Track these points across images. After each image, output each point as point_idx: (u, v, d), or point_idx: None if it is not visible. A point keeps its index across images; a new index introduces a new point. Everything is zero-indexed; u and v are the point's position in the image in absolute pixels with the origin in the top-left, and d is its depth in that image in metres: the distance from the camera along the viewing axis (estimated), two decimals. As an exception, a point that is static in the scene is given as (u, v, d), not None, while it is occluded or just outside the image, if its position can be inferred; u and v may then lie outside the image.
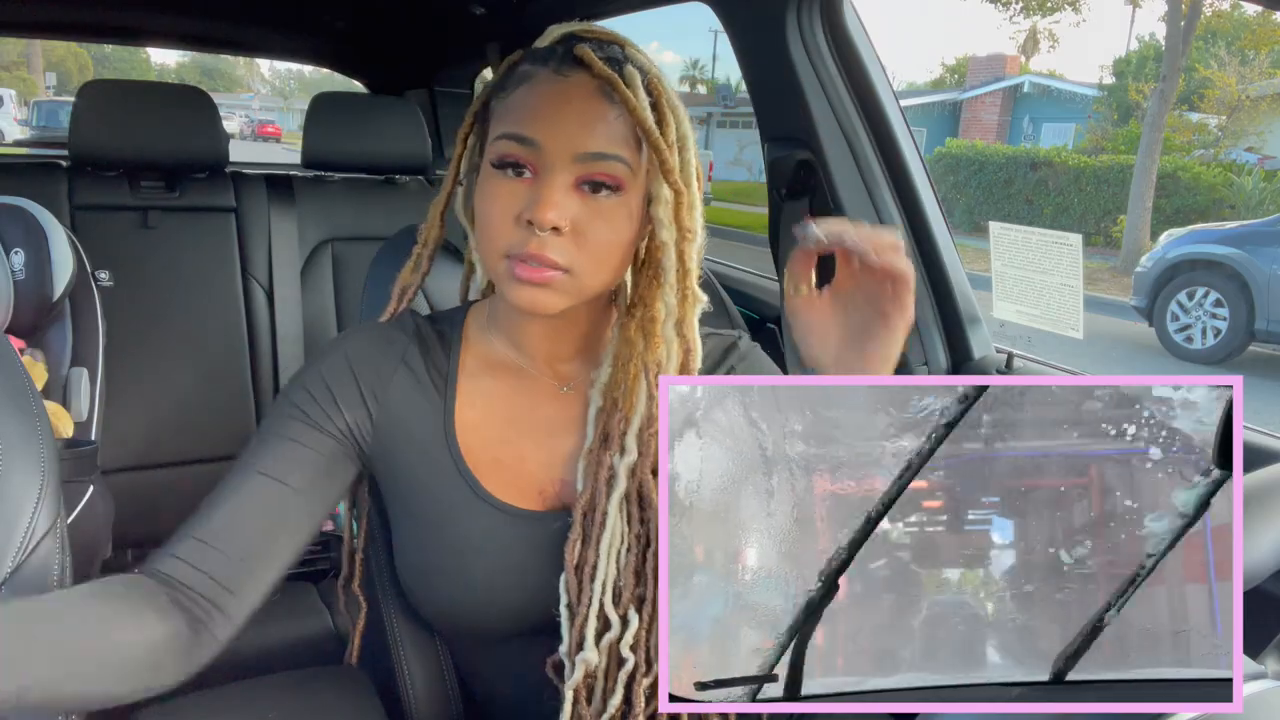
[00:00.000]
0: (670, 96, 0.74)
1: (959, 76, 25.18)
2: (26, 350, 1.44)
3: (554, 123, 0.69)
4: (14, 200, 1.46)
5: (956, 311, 1.37)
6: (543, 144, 0.69)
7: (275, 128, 33.27)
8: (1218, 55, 15.04)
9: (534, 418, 0.81)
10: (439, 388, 0.80)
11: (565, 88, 0.70)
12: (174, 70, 51.80)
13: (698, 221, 0.75)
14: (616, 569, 0.75)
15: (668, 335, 0.75)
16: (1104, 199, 12.76)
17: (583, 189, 0.70)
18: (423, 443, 0.79)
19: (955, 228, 1.42)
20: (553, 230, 0.68)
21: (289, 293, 1.97)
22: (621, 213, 0.71)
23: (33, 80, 27.11)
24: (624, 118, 0.70)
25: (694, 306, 0.76)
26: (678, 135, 0.74)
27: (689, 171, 0.75)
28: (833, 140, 1.35)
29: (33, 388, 0.79)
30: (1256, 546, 0.57)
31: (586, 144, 0.69)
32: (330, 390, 0.78)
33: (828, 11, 1.33)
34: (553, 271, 0.69)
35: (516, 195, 0.70)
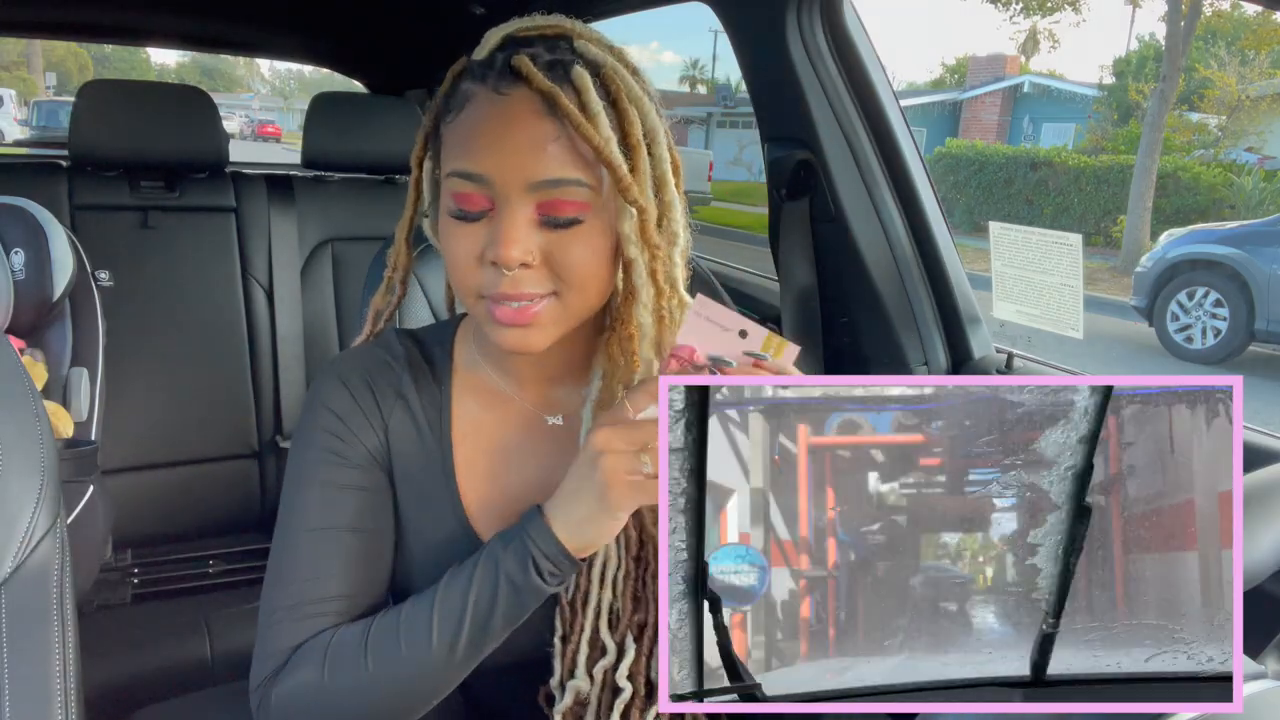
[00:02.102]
0: (630, 89, 0.67)
1: (959, 76, 25.18)
2: (26, 350, 1.44)
3: (500, 153, 0.64)
4: (14, 200, 1.46)
5: (956, 311, 1.37)
6: (493, 178, 0.64)
7: (275, 128, 33.27)
8: (1218, 55, 15.03)
9: (524, 451, 0.78)
10: (434, 424, 0.77)
11: (506, 109, 0.65)
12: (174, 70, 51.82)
13: (677, 222, 0.70)
14: (613, 594, 0.72)
15: (645, 356, 0.70)
16: (1104, 199, 12.75)
17: (545, 224, 0.65)
18: (420, 483, 0.77)
19: (955, 228, 1.42)
20: (521, 266, 0.65)
21: (289, 293, 1.97)
22: (593, 232, 0.66)
23: (33, 80, 27.10)
24: (577, 134, 0.64)
25: (679, 317, 0.71)
26: (645, 130, 0.68)
27: (663, 169, 0.69)
28: (833, 140, 1.35)
29: (33, 388, 0.79)
30: (1256, 546, 0.57)
31: (538, 171, 0.64)
32: (345, 423, 0.75)
33: (828, 12, 1.32)
34: (537, 305, 0.66)
35: (476, 235, 0.66)
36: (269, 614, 0.71)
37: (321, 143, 2.00)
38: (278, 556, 0.73)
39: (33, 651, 0.77)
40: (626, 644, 0.72)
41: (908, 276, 1.36)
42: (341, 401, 0.76)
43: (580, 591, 0.73)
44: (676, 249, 0.71)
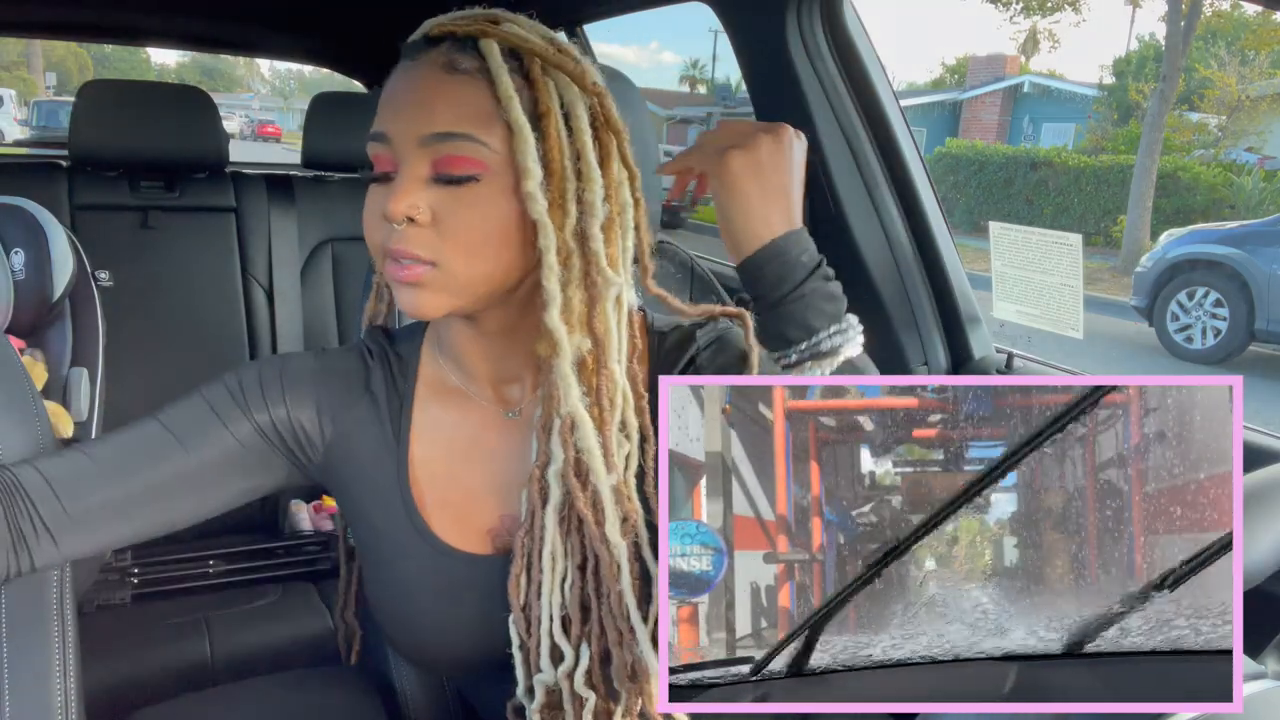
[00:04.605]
0: (548, 63, 0.67)
1: (959, 76, 25.17)
2: (26, 350, 1.43)
3: (398, 109, 0.66)
4: (14, 200, 1.46)
5: (956, 311, 1.37)
6: (391, 135, 0.66)
7: (275, 128, 33.24)
8: (1218, 55, 15.02)
9: (481, 450, 0.77)
10: (394, 421, 0.77)
11: (411, 71, 0.67)
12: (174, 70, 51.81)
13: (596, 194, 0.68)
14: (563, 598, 0.71)
15: (550, 324, 0.67)
16: (1104, 199, 12.75)
17: (438, 180, 0.65)
18: (375, 480, 0.77)
19: (955, 228, 1.42)
20: (409, 222, 0.65)
21: (289, 293, 1.98)
22: (489, 196, 0.65)
23: (33, 80, 27.10)
24: (478, 92, 0.64)
25: (604, 293, 0.68)
26: (563, 103, 0.67)
27: (583, 140, 0.68)
28: (833, 140, 1.35)
29: (33, 388, 0.79)
30: (1256, 546, 0.57)
31: (428, 124, 0.64)
32: (283, 385, 0.75)
33: (828, 11, 1.33)
34: (419, 267, 0.65)
35: (380, 195, 0.67)
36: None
37: (321, 143, 2.00)
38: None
39: (33, 651, 0.77)
40: (582, 650, 0.71)
41: (908, 276, 1.36)
42: (301, 375, 0.76)
43: (533, 599, 0.71)
44: (595, 220, 0.68)
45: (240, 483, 0.74)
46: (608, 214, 0.69)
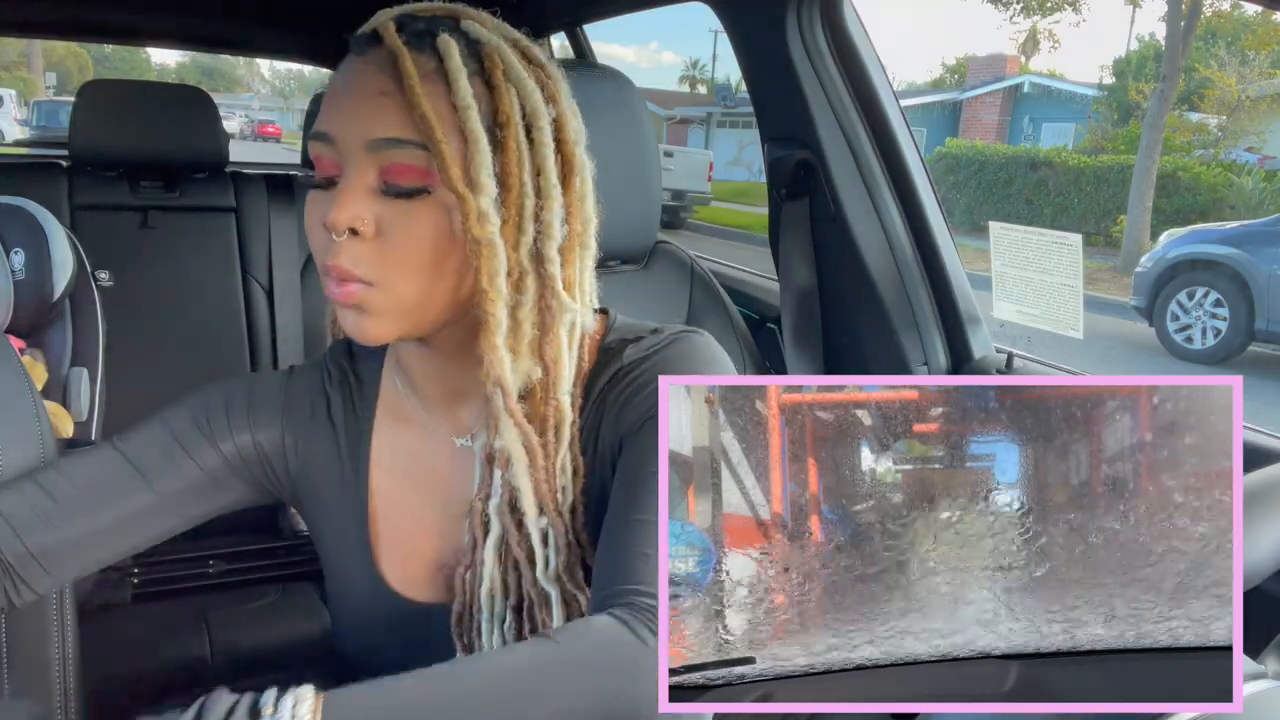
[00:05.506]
0: (511, 68, 0.62)
1: (959, 76, 25.18)
2: (26, 350, 1.43)
3: (344, 109, 0.61)
4: (14, 200, 1.46)
5: (956, 311, 1.37)
6: (335, 136, 0.61)
7: (275, 128, 33.25)
8: (1218, 55, 15.03)
9: (433, 479, 0.73)
10: (353, 455, 0.74)
11: (358, 68, 0.61)
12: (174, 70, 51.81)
13: (554, 214, 0.63)
14: (503, 639, 0.68)
15: (492, 346, 0.62)
16: (1104, 199, 12.75)
17: (385, 191, 0.60)
18: (334, 517, 0.74)
19: (955, 228, 1.42)
20: (351, 233, 0.60)
21: (289, 293, 1.97)
22: (441, 212, 0.60)
23: (33, 80, 27.11)
24: (434, 95, 0.59)
25: (558, 319, 0.64)
26: (525, 112, 0.62)
27: (544, 154, 0.63)
28: (833, 140, 1.35)
29: (33, 388, 0.79)
30: (1256, 546, 0.57)
31: (374, 129, 0.59)
32: (250, 412, 0.72)
33: (828, 12, 1.33)
34: (354, 286, 0.60)
35: (323, 201, 0.62)
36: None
37: (321, 143, 1.99)
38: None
39: (33, 652, 0.77)
40: None
41: (908, 276, 1.36)
42: (268, 395, 0.74)
43: (474, 638, 0.70)
44: (552, 242, 0.63)
45: (206, 506, 0.73)
46: (566, 235, 0.64)
